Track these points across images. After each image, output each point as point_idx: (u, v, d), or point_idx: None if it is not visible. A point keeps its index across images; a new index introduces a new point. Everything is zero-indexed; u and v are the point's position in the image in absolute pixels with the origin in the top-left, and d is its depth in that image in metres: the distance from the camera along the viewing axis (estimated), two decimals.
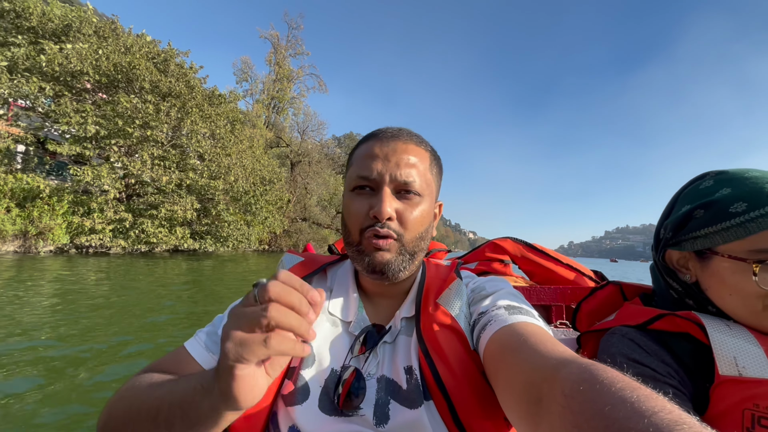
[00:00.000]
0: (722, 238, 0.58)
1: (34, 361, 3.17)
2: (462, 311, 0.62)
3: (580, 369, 0.36)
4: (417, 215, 0.61)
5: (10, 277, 7.16)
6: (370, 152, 0.62)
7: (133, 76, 13.93)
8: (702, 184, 0.65)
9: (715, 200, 0.61)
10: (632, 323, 0.66)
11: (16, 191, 11.95)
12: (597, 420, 0.30)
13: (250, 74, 41.94)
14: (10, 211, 11.74)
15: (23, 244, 12.13)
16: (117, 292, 6.39)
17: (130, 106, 13.35)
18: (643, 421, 0.27)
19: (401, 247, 0.61)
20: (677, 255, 0.67)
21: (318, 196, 31.91)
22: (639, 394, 0.30)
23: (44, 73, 12.52)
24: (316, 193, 31.43)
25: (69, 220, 12.87)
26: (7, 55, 12.00)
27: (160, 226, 14.92)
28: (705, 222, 0.61)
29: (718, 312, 0.61)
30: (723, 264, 0.59)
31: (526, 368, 0.43)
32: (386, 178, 0.60)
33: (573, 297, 0.99)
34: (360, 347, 0.62)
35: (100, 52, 13.16)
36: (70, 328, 4.12)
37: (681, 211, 0.65)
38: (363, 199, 0.61)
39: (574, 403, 0.33)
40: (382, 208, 0.58)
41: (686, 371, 0.59)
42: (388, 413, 0.56)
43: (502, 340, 0.51)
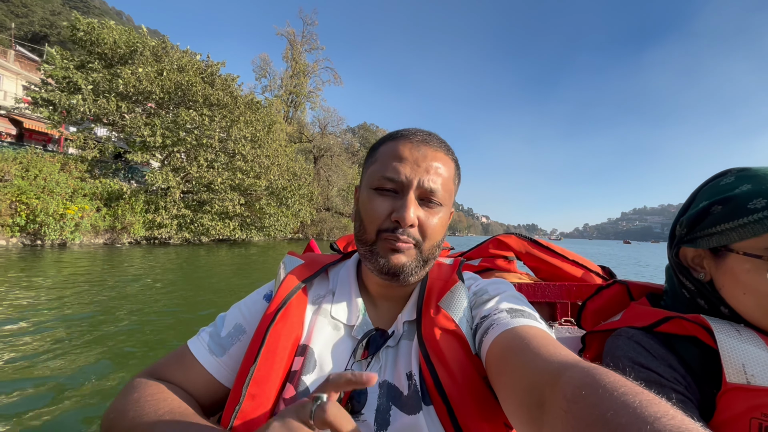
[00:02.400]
0: (738, 234, 0.56)
1: (174, 324, 4.52)
2: (464, 315, 0.61)
3: (583, 373, 0.36)
4: (436, 224, 0.61)
5: (119, 263, 9.61)
6: (398, 153, 0.61)
7: (189, 93, 16.22)
8: (723, 180, 0.63)
9: (733, 196, 0.58)
10: (638, 325, 0.64)
11: (103, 194, 14.45)
12: (599, 425, 0.30)
13: (269, 70, 44.08)
14: (99, 210, 14.25)
15: (111, 237, 14.69)
16: (202, 272, 8.78)
17: (189, 119, 15.66)
18: (646, 427, 0.27)
19: (418, 254, 0.61)
20: (692, 252, 0.65)
21: (338, 187, 34.09)
22: (642, 399, 0.30)
23: (119, 93, 14.87)
24: (336, 185, 33.62)
25: (144, 217, 15.38)
26: (89, 79, 14.35)
27: (214, 219, 17.38)
28: (722, 218, 0.59)
29: (730, 313, 0.59)
30: (738, 262, 0.57)
31: (528, 372, 0.43)
32: (414, 183, 0.59)
33: (579, 294, 0.97)
34: (363, 352, 0.61)
35: (164, 74, 15.42)
36: (183, 295, 6.25)
37: (698, 207, 0.63)
38: (385, 200, 0.60)
39: (576, 408, 0.33)
40: (407, 215, 0.57)
41: (693, 376, 0.57)
42: (388, 419, 0.56)
43: (505, 344, 0.51)
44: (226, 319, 0.68)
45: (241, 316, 0.68)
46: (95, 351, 3.43)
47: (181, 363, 0.64)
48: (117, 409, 0.55)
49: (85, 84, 14.18)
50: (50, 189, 12.42)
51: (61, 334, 3.81)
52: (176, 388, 0.60)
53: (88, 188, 13.88)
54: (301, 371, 0.59)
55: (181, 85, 15.89)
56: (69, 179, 13.33)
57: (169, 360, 0.65)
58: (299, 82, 43.02)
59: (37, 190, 12.05)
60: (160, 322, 4.47)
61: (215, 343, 0.65)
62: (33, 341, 3.55)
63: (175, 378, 0.62)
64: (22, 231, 11.79)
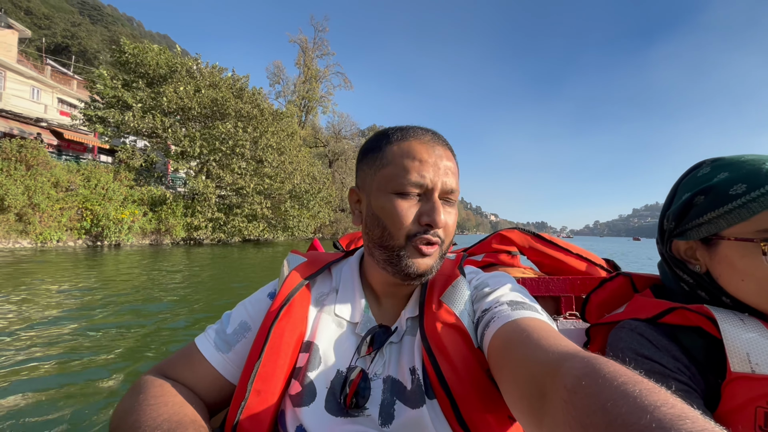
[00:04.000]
0: (726, 221, 0.57)
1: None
2: (465, 309, 0.61)
3: (583, 363, 0.36)
4: (453, 222, 0.63)
5: (174, 261, 11.20)
6: (417, 155, 0.60)
7: (223, 107, 17.94)
8: (699, 171, 0.64)
9: (713, 185, 0.59)
10: (642, 316, 0.64)
11: (149, 199, 16.16)
12: (599, 415, 0.30)
13: (282, 77, 45.83)
14: (146, 215, 15.95)
15: (156, 238, 16.40)
16: (236, 267, 10.28)
17: (224, 130, 17.35)
18: (646, 416, 0.27)
19: (441, 253, 0.62)
20: (684, 245, 0.65)
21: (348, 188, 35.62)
22: (642, 388, 0.30)
23: (163, 109, 16.59)
24: (350, 187, 35.12)
25: (184, 220, 17.07)
26: (137, 97, 16.08)
27: (245, 221, 19.06)
28: (706, 207, 0.59)
29: (733, 303, 0.59)
30: (731, 248, 0.57)
31: (529, 363, 0.43)
32: (438, 185, 0.60)
33: (583, 288, 0.98)
34: (367, 348, 0.62)
35: (203, 91, 17.15)
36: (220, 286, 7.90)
37: (681, 200, 0.64)
38: (411, 204, 0.60)
39: (577, 398, 0.33)
40: (439, 218, 0.58)
41: (697, 367, 0.57)
42: (393, 413, 0.57)
43: (506, 337, 0.51)
44: (231, 316, 0.69)
45: (246, 313, 0.69)
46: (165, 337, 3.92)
47: (189, 360, 0.65)
48: (122, 410, 0.55)
49: (134, 102, 15.93)
50: (109, 197, 14.15)
51: (131, 318, 4.48)
52: (181, 388, 0.61)
53: (136, 195, 15.61)
54: (306, 367, 0.61)
55: (216, 100, 17.64)
56: (120, 187, 15.05)
57: (177, 357, 0.66)
58: (311, 87, 44.69)
59: (98, 198, 13.78)
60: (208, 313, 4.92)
61: (221, 340, 0.66)
62: (114, 325, 4.17)
63: (183, 375, 0.64)
64: (87, 233, 13.52)
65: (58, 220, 12.57)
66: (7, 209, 11.07)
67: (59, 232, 12.58)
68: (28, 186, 11.62)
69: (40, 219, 11.95)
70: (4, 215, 11.06)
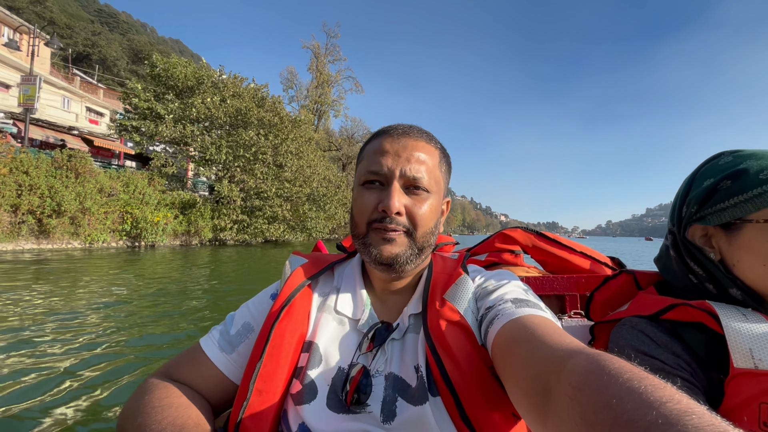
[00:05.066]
0: (754, 205, 0.57)
1: None
2: (469, 306, 0.62)
3: (588, 360, 0.36)
4: (426, 211, 0.62)
5: (204, 261, 12.31)
6: (380, 148, 0.64)
7: (247, 117, 19.15)
8: (720, 160, 0.65)
9: (742, 170, 0.59)
10: (644, 313, 0.64)
11: (179, 203, 17.36)
12: (605, 412, 0.30)
13: (295, 82, 47.20)
14: (177, 217, 17.14)
15: (186, 239, 17.60)
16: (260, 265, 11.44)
17: (248, 138, 18.52)
18: (652, 412, 0.27)
19: (411, 242, 0.62)
20: (700, 231, 0.65)
21: None
22: (647, 384, 0.30)
23: (191, 119, 17.83)
24: None
25: (211, 222, 18.26)
26: (168, 108, 17.32)
27: (266, 223, 20.21)
28: (734, 191, 0.59)
29: (744, 294, 0.59)
30: (755, 232, 0.57)
31: (533, 360, 0.44)
32: (396, 173, 0.61)
33: (587, 286, 0.98)
34: (368, 344, 0.62)
35: (228, 101, 18.34)
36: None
37: (704, 185, 0.64)
38: (372, 193, 0.62)
39: (582, 395, 0.33)
40: (391, 203, 0.59)
41: (699, 363, 0.57)
42: (395, 410, 0.57)
43: (510, 334, 0.51)
44: (235, 317, 0.71)
45: (249, 314, 0.70)
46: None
47: (193, 361, 0.66)
48: (128, 413, 0.57)
49: (166, 113, 17.18)
50: (146, 201, 15.37)
51: (170, 307, 5.15)
52: (186, 389, 0.62)
53: (169, 199, 16.82)
54: (307, 366, 0.61)
55: (240, 110, 18.84)
56: (154, 192, 16.27)
57: (182, 358, 0.67)
58: (323, 92, 45.93)
59: (137, 202, 15.00)
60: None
61: (225, 340, 0.67)
62: (154, 313, 4.78)
63: (187, 376, 0.65)
64: (128, 235, 14.75)
65: (103, 222, 13.80)
66: (63, 213, 12.30)
67: (105, 234, 13.82)
68: (79, 192, 12.85)
69: (88, 222, 13.18)
70: (61, 219, 12.29)
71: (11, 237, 11.25)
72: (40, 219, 11.84)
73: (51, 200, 11.91)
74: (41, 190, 11.73)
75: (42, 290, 5.71)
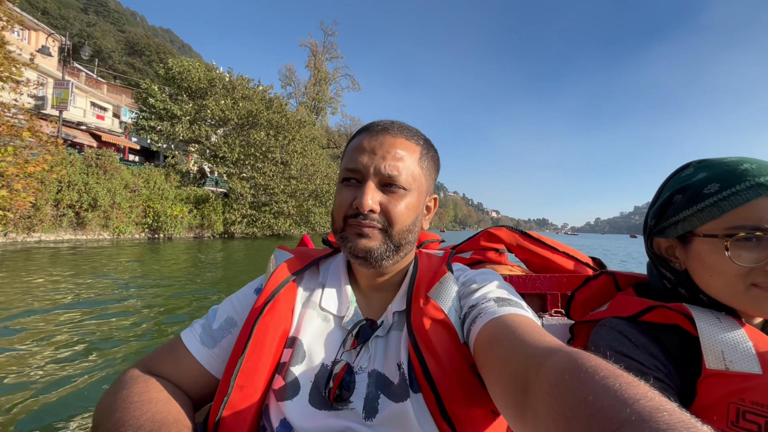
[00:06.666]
0: (699, 219, 0.60)
1: None
2: (452, 304, 0.62)
3: (566, 358, 0.37)
4: (402, 208, 0.62)
5: (216, 251, 13.72)
6: (359, 145, 0.64)
7: (257, 118, 20.52)
8: (684, 172, 0.67)
9: (690, 184, 0.62)
10: (623, 315, 0.66)
11: (194, 198, 18.66)
12: (581, 408, 0.30)
13: (294, 79, 48.19)
14: (191, 212, 18.43)
15: (199, 232, 18.93)
16: None
17: (259, 138, 19.88)
18: (626, 409, 0.28)
19: (387, 238, 0.63)
20: (665, 243, 0.67)
21: None
22: (621, 382, 0.31)
23: (206, 120, 19.11)
24: None
25: (223, 216, 19.61)
26: (184, 110, 18.57)
27: (272, 217, 21.67)
28: (682, 206, 0.62)
29: (709, 300, 0.61)
30: (701, 245, 0.60)
31: (513, 358, 0.44)
32: (371, 170, 0.61)
33: (568, 285, 1.00)
34: (352, 341, 0.62)
35: (240, 104, 19.68)
36: None
37: (662, 198, 0.67)
38: (349, 190, 0.63)
39: (559, 392, 0.34)
40: (363, 201, 0.60)
41: (674, 364, 0.59)
42: (377, 407, 0.58)
43: (491, 332, 0.52)
44: (218, 311, 0.70)
45: (233, 309, 0.70)
46: None
47: (174, 354, 0.65)
48: (106, 407, 0.55)
49: (182, 114, 18.45)
50: (165, 196, 16.66)
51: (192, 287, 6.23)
52: (166, 383, 0.61)
53: (185, 194, 18.11)
54: (290, 362, 0.61)
55: (251, 112, 20.21)
56: (171, 188, 17.55)
57: (162, 351, 0.66)
58: (321, 89, 47.07)
59: (157, 198, 16.29)
60: None
61: (207, 335, 0.66)
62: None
63: (167, 370, 0.64)
64: (149, 228, 16.05)
65: (129, 216, 15.09)
66: (98, 207, 13.60)
67: (130, 227, 15.12)
68: (109, 188, 14.13)
69: (116, 215, 14.47)
70: (96, 212, 13.58)
71: (53, 228, 12.53)
72: (77, 212, 13.14)
73: (87, 195, 13.20)
74: (78, 186, 13.00)
75: (127, 270, 7.16)
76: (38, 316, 4.11)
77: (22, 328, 3.66)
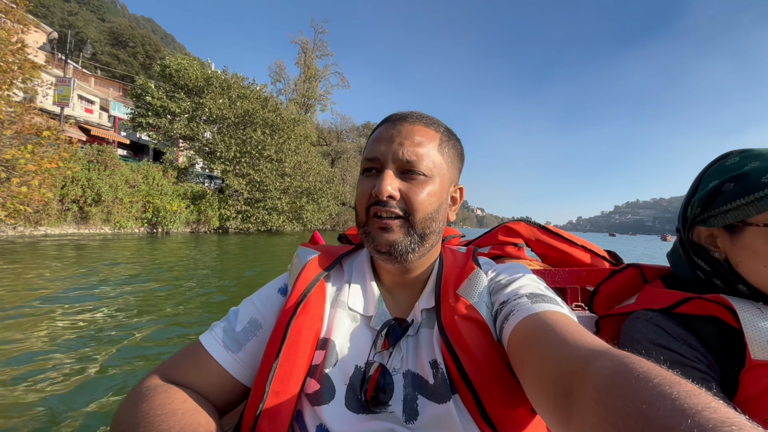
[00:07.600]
0: (755, 208, 0.58)
1: None
2: (483, 301, 0.60)
3: (613, 362, 0.35)
4: (423, 195, 0.60)
5: (211, 245, 14.38)
6: (378, 135, 0.64)
7: (253, 117, 21.05)
8: (728, 161, 0.65)
9: (745, 173, 0.60)
10: (656, 307, 0.64)
11: (191, 194, 19.09)
12: (634, 418, 0.28)
13: (284, 75, 48.27)
14: (188, 207, 18.85)
15: (195, 227, 19.37)
16: None
17: (255, 137, 20.42)
18: (687, 420, 0.25)
19: (409, 228, 0.61)
20: (705, 232, 0.66)
21: (350, 184, 39.08)
22: (679, 390, 0.28)
23: (203, 118, 19.54)
24: (349, 182, 38.59)
25: (219, 212, 20.09)
26: (182, 107, 18.94)
27: (267, 214, 22.24)
28: (736, 194, 0.60)
29: (749, 291, 0.60)
30: (757, 234, 0.58)
31: (553, 360, 0.42)
32: (389, 157, 0.61)
33: (588, 279, 0.98)
34: (383, 342, 0.61)
35: (238, 104, 20.15)
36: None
37: (708, 187, 0.65)
38: (369, 180, 0.63)
39: (608, 399, 0.31)
40: (382, 186, 0.58)
41: (714, 355, 0.58)
42: (417, 409, 0.56)
43: (527, 331, 0.50)
44: (239, 313, 0.67)
45: (256, 310, 0.67)
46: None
47: (195, 360, 0.62)
48: (126, 421, 0.52)
49: (180, 112, 18.83)
50: (164, 192, 17.08)
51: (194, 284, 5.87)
52: (190, 392, 0.58)
53: (182, 190, 18.53)
54: (323, 364, 0.59)
55: (248, 111, 20.73)
56: (168, 184, 17.94)
57: (181, 357, 0.63)
58: (311, 86, 47.34)
59: (156, 193, 16.71)
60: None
61: (230, 338, 0.63)
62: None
63: (188, 378, 0.61)
64: (148, 222, 16.48)
65: (129, 210, 15.50)
66: (101, 202, 14.01)
67: (131, 221, 15.53)
68: (111, 184, 14.53)
69: (118, 210, 14.88)
70: (99, 207, 13.99)
71: (58, 222, 12.93)
72: (81, 207, 13.54)
73: (90, 190, 13.61)
74: (82, 181, 13.40)
75: (136, 262, 7.75)
76: (52, 305, 4.07)
77: (45, 313, 3.73)
